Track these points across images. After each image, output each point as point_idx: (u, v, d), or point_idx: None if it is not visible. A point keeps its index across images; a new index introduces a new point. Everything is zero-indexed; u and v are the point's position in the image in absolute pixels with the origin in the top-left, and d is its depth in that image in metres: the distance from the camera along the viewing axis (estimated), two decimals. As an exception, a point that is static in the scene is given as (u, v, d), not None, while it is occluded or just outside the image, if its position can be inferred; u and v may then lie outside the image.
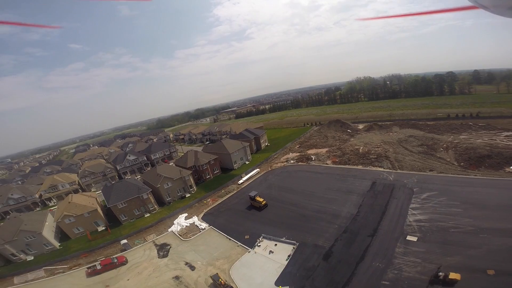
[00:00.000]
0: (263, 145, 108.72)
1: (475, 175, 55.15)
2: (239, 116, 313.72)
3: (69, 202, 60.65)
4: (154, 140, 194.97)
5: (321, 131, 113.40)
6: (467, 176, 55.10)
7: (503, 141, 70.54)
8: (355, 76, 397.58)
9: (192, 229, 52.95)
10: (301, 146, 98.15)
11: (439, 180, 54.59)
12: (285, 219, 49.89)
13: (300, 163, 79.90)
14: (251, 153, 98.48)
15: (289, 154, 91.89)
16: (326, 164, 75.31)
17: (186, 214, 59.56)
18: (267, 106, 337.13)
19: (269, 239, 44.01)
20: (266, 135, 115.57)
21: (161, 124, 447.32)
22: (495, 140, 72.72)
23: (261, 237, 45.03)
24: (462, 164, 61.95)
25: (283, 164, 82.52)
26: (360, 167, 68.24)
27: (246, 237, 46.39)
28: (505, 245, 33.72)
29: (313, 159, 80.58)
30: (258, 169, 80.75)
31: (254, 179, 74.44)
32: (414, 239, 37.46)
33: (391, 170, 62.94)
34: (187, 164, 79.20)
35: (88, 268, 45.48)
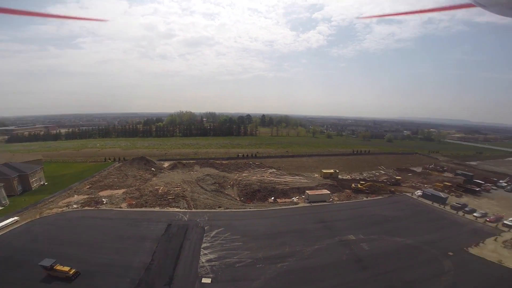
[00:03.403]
0: (35, 185, 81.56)
1: (250, 208, 67.88)
2: (16, 140, 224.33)
3: None
4: None
5: (121, 169, 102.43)
6: (245, 210, 66.79)
7: (268, 177, 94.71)
8: (180, 108, 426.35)
9: None
10: (93, 186, 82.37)
11: (225, 216, 62.07)
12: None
13: (86, 208, 66.04)
14: (11, 195, 71.21)
15: (73, 196, 74.07)
16: (120, 207, 66.88)
17: None
18: (63, 131, 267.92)
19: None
20: (43, 172, 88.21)
21: None
22: (263, 176, 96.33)
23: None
24: (242, 199, 75.35)
25: (61, 209, 64.73)
26: (157, 209, 66.10)
27: None
28: (276, 272, 40.64)
29: (104, 202, 69.43)
30: (17, 218, 58.01)
31: (5, 231, 52.60)
32: (208, 280, 38.32)
33: (186, 210, 65.17)
34: None
35: None
